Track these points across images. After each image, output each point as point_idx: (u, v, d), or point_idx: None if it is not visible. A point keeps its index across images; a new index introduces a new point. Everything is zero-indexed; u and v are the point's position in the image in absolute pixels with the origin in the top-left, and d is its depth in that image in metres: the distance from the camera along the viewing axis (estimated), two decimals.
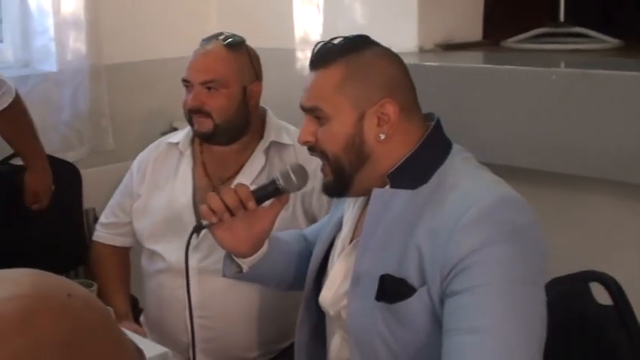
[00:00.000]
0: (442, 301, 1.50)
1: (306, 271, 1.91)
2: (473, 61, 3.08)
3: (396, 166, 1.63)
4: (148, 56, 3.56)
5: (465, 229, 1.48)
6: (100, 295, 2.29)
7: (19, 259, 0.81)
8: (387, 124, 1.62)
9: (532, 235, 1.52)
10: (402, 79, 1.68)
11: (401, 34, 3.01)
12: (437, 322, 1.51)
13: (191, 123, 2.44)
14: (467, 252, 1.46)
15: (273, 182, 1.75)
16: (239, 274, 1.87)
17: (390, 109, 1.62)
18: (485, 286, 1.45)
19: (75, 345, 0.67)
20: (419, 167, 1.62)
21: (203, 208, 1.76)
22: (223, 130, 2.41)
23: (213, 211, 1.74)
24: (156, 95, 3.58)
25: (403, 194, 1.60)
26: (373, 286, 1.59)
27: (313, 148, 1.70)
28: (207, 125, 2.39)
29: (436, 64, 2.92)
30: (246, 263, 1.84)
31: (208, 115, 2.38)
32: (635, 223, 2.52)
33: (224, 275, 1.92)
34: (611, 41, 3.08)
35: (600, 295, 1.85)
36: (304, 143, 1.71)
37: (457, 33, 3.24)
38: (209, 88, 2.38)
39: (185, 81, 2.42)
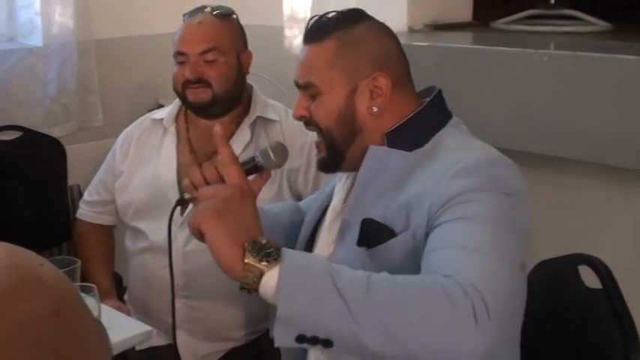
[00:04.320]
0: (426, 239, 1.48)
1: (291, 244, 1.89)
2: (462, 41, 3.06)
3: (395, 126, 1.63)
4: (136, 32, 3.52)
5: (457, 174, 1.48)
6: (84, 272, 2.26)
7: (1, 235, 0.80)
8: (380, 97, 1.62)
9: (521, 201, 1.51)
10: (394, 53, 1.68)
11: (391, 14, 2.96)
12: (416, 265, 1.48)
13: (183, 96, 2.42)
14: (460, 191, 1.46)
15: (252, 159, 1.71)
16: None
17: (383, 82, 1.62)
18: (477, 218, 1.43)
19: (62, 313, 0.67)
20: (418, 130, 1.63)
21: (185, 181, 1.71)
22: (221, 101, 2.40)
23: (195, 186, 1.69)
24: (143, 72, 3.54)
25: (399, 155, 1.61)
26: (356, 234, 1.60)
27: (309, 122, 1.69)
28: (205, 95, 2.38)
29: (425, 44, 2.90)
30: None
31: (208, 84, 2.37)
32: (624, 206, 2.52)
33: None
34: (601, 24, 3.08)
35: (589, 278, 1.84)
36: (299, 118, 1.70)
37: (447, 13, 3.23)
38: (207, 59, 2.36)
39: (180, 54, 2.39)
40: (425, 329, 1.30)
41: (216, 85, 2.37)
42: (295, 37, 3.39)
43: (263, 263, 1.34)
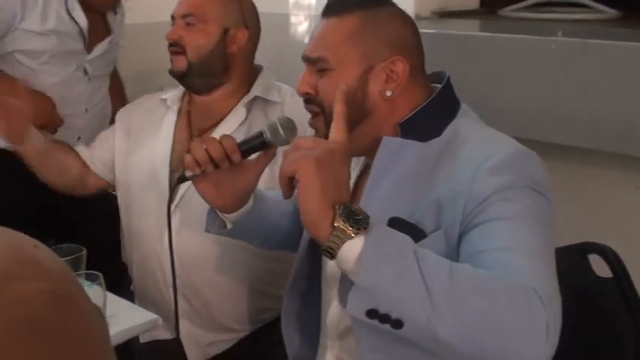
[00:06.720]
0: (461, 239, 1.46)
1: (294, 230, 1.86)
2: (470, 28, 3.04)
3: (409, 116, 1.59)
4: (140, 19, 3.50)
5: (490, 171, 1.45)
6: None
7: (7, 224, 0.78)
8: (395, 82, 1.58)
9: (548, 197, 1.49)
10: (414, 43, 1.64)
11: (397, 1, 2.97)
12: None
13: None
14: (494, 190, 1.43)
15: (260, 135, 1.66)
16: (223, 230, 1.81)
17: (400, 67, 1.58)
18: (516, 218, 1.41)
19: (59, 294, 0.65)
20: (431, 120, 1.59)
21: (187, 158, 1.67)
22: (197, 71, 2.34)
23: (197, 162, 1.66)
24: (147, 60, 3.53)
25: (413, 145, 1.57)
26: None
27: (311, 101, 1.64)
28: (181, 63, 2.34)
29: (432, 31, 2.88)
30: (230, 219, 1.77)
31: (183, 50, 2.33)
32: (635, 194, 2.50)
33: (207, 231, 1.85)
34: (610, 11, 3.06)
35: (599, 267, 1.83)
36: (303, 94, 1.65)
37: (454, 1, 3.21)
38: (188, 23, 2.33)
39: (172, 17, 2.38)
40: (500, 327, 1.28)
41: (190, 53, 2.33)
42: (301, 25, 3.37)
43: (352, 229, 1.29)
